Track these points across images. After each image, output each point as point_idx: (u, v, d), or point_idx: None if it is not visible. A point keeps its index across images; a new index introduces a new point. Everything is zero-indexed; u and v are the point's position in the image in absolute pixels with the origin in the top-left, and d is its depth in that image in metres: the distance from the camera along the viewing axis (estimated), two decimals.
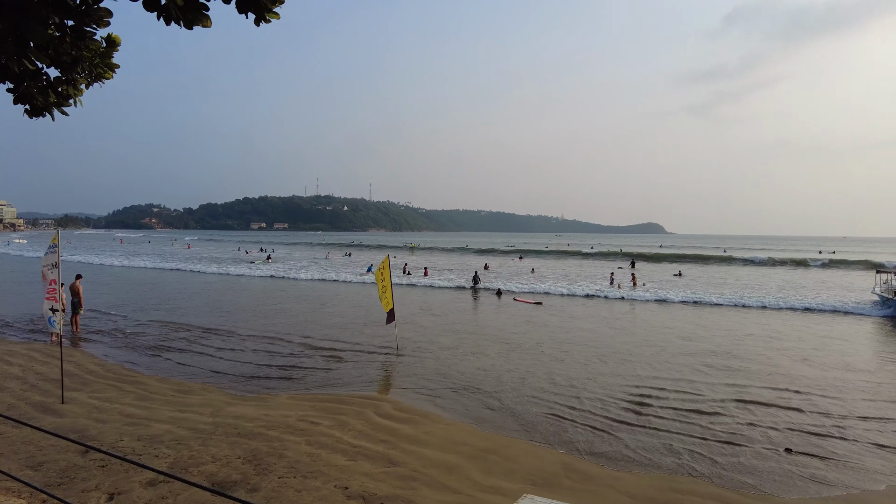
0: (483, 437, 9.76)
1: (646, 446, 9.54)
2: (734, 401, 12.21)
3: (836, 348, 18.14)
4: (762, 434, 10.19)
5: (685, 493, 7.73)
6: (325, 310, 25.72)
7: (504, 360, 15.75)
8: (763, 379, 14.10)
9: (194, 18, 3.55)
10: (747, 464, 8.85)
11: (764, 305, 28.10)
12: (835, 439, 9.97)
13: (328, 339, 18.52)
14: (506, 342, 18.27)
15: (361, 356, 16.08)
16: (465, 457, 8.69)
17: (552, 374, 14.32)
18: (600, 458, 8.99)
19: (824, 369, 15.22)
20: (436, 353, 16.65)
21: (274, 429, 9.58)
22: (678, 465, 8.79)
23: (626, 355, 16.60)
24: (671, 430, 10.30)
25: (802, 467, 8.75)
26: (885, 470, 8.70)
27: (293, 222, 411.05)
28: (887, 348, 18.57)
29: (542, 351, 17.03)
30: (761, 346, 18.17)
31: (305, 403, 11.32)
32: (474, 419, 10.82)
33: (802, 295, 32.56)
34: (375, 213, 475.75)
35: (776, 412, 11.49)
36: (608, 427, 10.47)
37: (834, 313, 26.18)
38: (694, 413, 11.34)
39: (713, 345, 18.33)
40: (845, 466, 8.81)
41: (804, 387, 13.40)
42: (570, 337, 19.46)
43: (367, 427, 9.91)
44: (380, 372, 14.45)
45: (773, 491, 7.95)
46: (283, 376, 13.83)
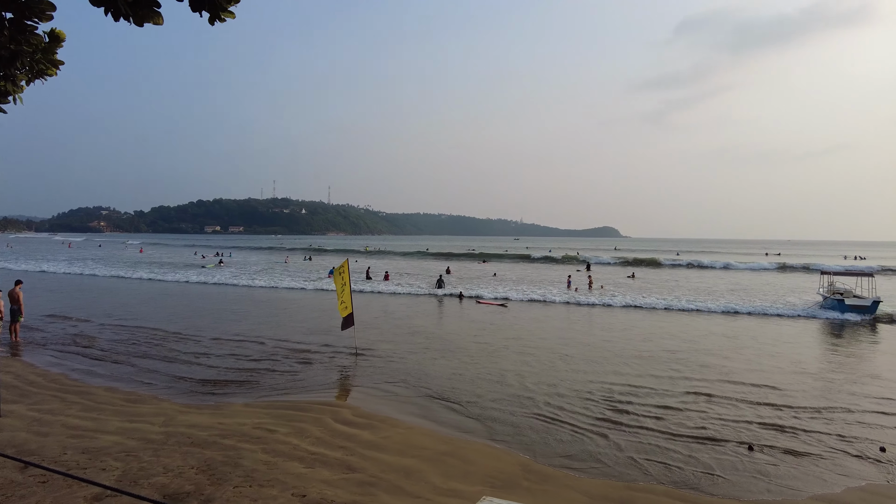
0: (443, 440, 9.76)
1: (604, 446, 9.73)
2: (693, 400, 12.60)
3: (787, 348, 18.95)
4: (722, 431, 10.54)
5: (641, 492, 7.91)
6: (283, 316, 25.26)
7: (466, 364, 15.81)
8: (720, 378, 14.59)
9: (145, 15, 3.45)
10: (707, 462, 9.14)
11: (715, 310, 29.05)
12: (795, 435, 10.40)
13: (286, 346, 18.18)
14: (468, 346, 18.34)
15: (320, 362, 15.86)
16: (424, 460, 8.68)
17: (513, 375, 14.45)
18: (558, 459, 9.12)
19: (779, 369, 15.87)
20: (396, 357, 16.57)
21: (229, 437, 9.33)
22: (636, 464, 9.00)
23: (586, 356, 16.91)
24: (631, 430, 10.55)
25: (763, 465, 9.10)
26: (845, 470, 9.13)
27: (249, 226, 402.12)
28: (833, 347, 19.53)
29: (503, 354, 17.17)
30: (718, 347, 18.81)
31: (262, 411, 11.08)
32: (435, 422, 10.82)
33: (752, 297, 33.86)
34: (334, 216, 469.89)
35: (736, 411, 11.90)
36: (567, 427, 10.64)
37: (779, 317, 27.30)
38: (654, 413, 11.64)
39: (670, 346, 18.87)
40: (804, 465, 9.20)
41: (760, 386, 13.94)
42: (532, 339, 19.68)
43: (325, 433, 9.77)
44: (339, 378, 14.27)
45: (730, 490, 8.23)
46: (239, 384, 13.49)
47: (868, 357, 17.87)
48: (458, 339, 19.55)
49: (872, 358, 17.74)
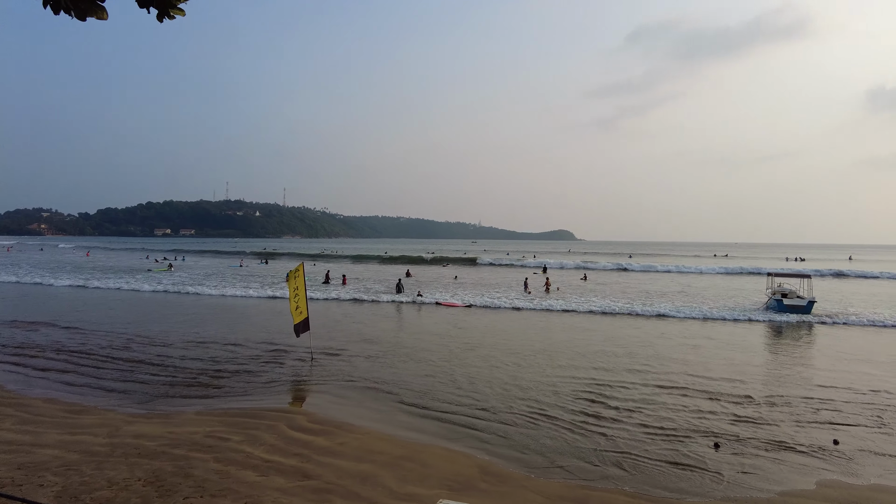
0: (400, 444, 9.71)
1: (562, 446, 9.88)
2: (654, 400, 12.93)
3: (734, 348, 19.69)
4: (683, 429, 10.86)
5: (597, 491, 8.06)
6: (236, 322, 24.67)
7: (423, 368, 15.79)
8: (677, 378, 15.03)
9: (87, 9, 3.32)
10: (670, 460, 9.40)
11: (668, 314, 29.90)
12: (756, 431, 10.81)
13: (240, 353, 17.76)
14: (425, 350, 18.32)
15: (275, 369, 15.55)
16: (381, 465, 8.61)
17: (471, 379, 14.52)
18: (515, 461, 9.21)
19: (732, 369, 16.47)
20: (353, 362, 16.41)
21: (179, 447, 9.03)
22: (594, 463, 9.18)
23: (543, 359, 17.15)
24: (591, 430, 10.75)
25: (729, 464, 9.41)
26: (804, 466, 9.54)
27: (201, 228, 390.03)
28: (783, 345, 20.43)
29: (462, 358, 17.22)
30: (675, 348, 19.39)
31: (214, 419, 10.77)
32: (392, 427, 10.76)
33: (700, 299, 35.01)
34: (290, 218, 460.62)
35: (696, 409, 12.28)
36: (525, 429, 10.76)
37: (725, 320, 28.34)
38: (613, 414, 11.90)
39: (628, 347, 19.33)
40: (765, 462, 9.57)
41: (716, 385, 14.44)
42: (489, 343, 19.82)
43: (279, 441, 9.58)
44: (294, 384, 14.02)
45: (691, 487, 8.49)
46: (191, 392, 13.09)
47: (811, 357, 18.77)
48: (415, 343, 19.52)
49: (816, 357, 18.64)
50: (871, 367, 16.69)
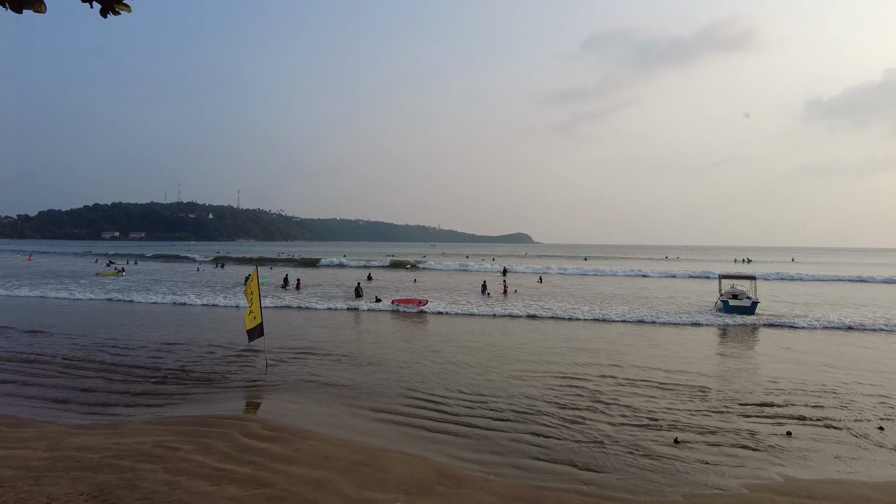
0: (357, 449, 9.61)
1: (521, 447, 9.98)
2: (612, 399, 13.21)
3: (691, 348, 20.34)
4: (643, 429, 11.13)
5: (553, 491, 8.18)
6: (190, 328, 23.94)
7: (381, 373, 15.69)
8: (636, 378, 15.40)
9: (24, 2, 3.18)
10: (626, 457, 9.61)
11: (616, 318, 30.64)
12: (714, 425, 11.16)
13: (192, 360, 17.25)
14: (383, 354, 18.21)
15: (228, 375, 15.17)
16: (337, 472, 8.50)
17: (430, 382, 14.52)
18: (473, 462, 9.24)
19: (685, 368, 16.99)
20: (309, 367, 16.17)
21: (126, 458, 8.68)
22: (552, 464, 9.30)
23: (502, 361, 17.30)
24: (549, 430, 10.89)
25: (686, 460, 9.68)
26: (754, 466, 9.89)
27: (152, 231, 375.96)
28: (733, 346, 21.20)
29: (420, 361, 17.20)
30: (631, 350, 19.87)
31: (164, 428, 10.41)
32: (349, 432, 10.64)
33: (651, 302, 36.00)
34: (245, 221, 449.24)
35: (656, 409, 12.60)
36: (483, 429, 10.82)
37: (677, 324, 29.24)
38: (570, 415, 12.09)
39: (584, 349, 19.70)
40: (727, 458, 9.89)
41: (672, 383, 14.87)
42: (449, 346, 19.86)
43: (233, 449, 9.33)
44: (248, 391, 13.70)
45: (645, 485, 8.70)
46: (140, 401, 12.64)
47: (759, 355, 19.58)
48: (373, 348, 19.38)
49: (763, 356, 19.45)
50: (817, 363, 17.53)
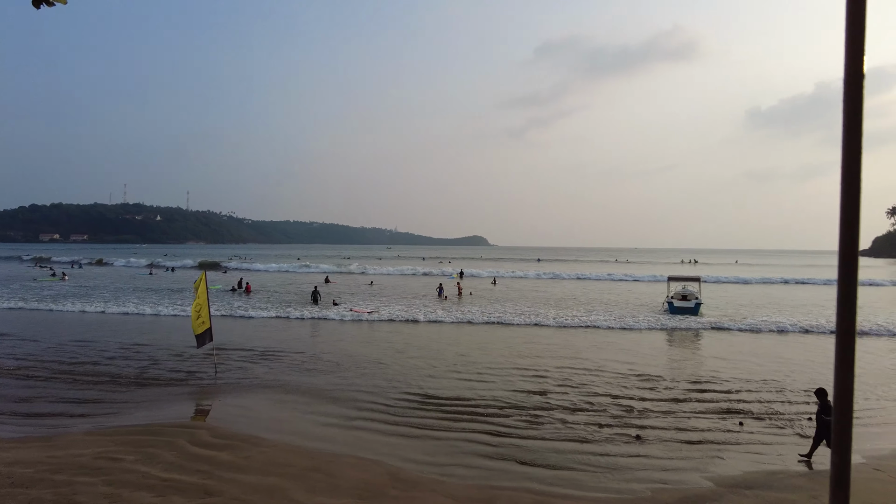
0: (309, 455, 9.50)
1: (475, 448, 10.08)
2: (566, 401, 13.45)
3: (641, 349, 20.94)
4: (595, 428, 11.37)
5: (505, 490, 8.29)
6: (136, 334, 23.06)
7: (333, 378, 15.54)
8: (587, 378, 15.73)
9: None
10: (581, 456, 9.81)
11: (570, 324, 31.20)
12: (669, 421, 11.50)
13: (137, 367, 16.65)
14: (336, 360, 17.98)
15: (176, 382, 14.74)
16: (288, 478, 8.39)
17: (383, 387, 14.48)
18: (427, 464, 9.27)
19: (637, 367, 17.46)
20: (260, 374, 15.87)
21: (62, 472, 8.31)
22: (505, 463, 9.43)
23: (455, 365, 17.39)
24: (504, 430, 11.02)
25: (642, 457, 9.95)
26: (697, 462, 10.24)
27: (95, 233, 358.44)
28: (683, 346, 21.93)
29: (372, 366, 17.10)
30: (581, 351, 20.29)
31: (105, 438, 10.01)
32: (301, 437, 10.50)
33: (605, 306, 36.87)
34: (194, 223, 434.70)
35: (608, 406, 12.89)
36: (438, 431, 10.87)
37: (625, 328, 30.04)
38: (526, 416, 12.26)
39: (535, 352, 20.01)
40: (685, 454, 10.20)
41: (623, 382, 15.26)
42: (401, 349, 19.86)
43: (179, 458, 9.07)
44: (197, 397, 13.35)
45: (592, 482, 8.91)
46: (79, 410, 12.12)
47: (707, 354, 20.36)
48: (326, 353, 19.16)
49: (710, 354, 20.24)
50: (758, 362, 18.37)
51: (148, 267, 72.28)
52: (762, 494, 8.19)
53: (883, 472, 9.13)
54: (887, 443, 10.70)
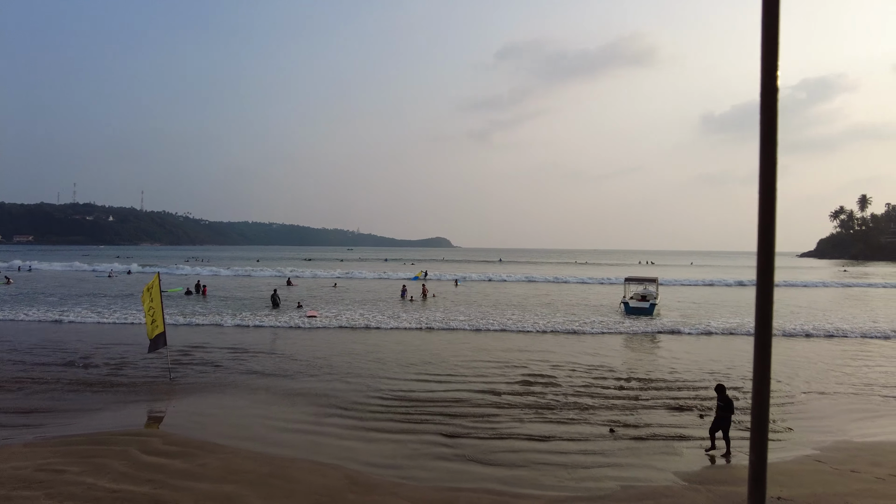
0: (266, 461, 9.31)
1: (433, 450, 10.07)
2: (522, 402, 13.55)
3: (596, 353, 21.30)
4: (552, 429, 11.49)
5: (464, 492, 8.30)
6: (87, 339, 22.15)
7: (290, 383, 15.28)
8: (543, 379, 15.90)
9: None
10: (529, 455, 9.89)
11: (529, 329, 31.48)
12: (632, 419, 11.69)
13: (88, 373, 16.00)
14: (294, 365, 17.66)
15: (128, 388, 14.23)
16: (245, 485, 8.21)
17: (340, 390, 14.33)
18: (385, 467, 9.22)
19: (595, 367, 17.74)
20: (217, 378, 15.50)
21: (0, 487, 7.90)
22: (465, 464, 9.44)
23: (415, 365, 17.37)
24: (461, 431, 11.03)
25: (602, 455, 10.08)
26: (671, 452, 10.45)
27: (41, 234, 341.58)
28: (639, 349, 22.41)
29: (330, 370, 16.87)
30: (540, 354, 20.51)
31: (48, 450, 9.58)
32: (259, 443, 10.29)
33: (563, 307, 37.39)
34: (149, 224, 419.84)
35: (566, 406, 13.04)
36: (395, 433, 10.81)
37: (580, 333, 30.50)
38: (482, 412, 12.30)
39: (495, 355, 20.14)
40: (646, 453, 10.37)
41: (582, 385, 15.48)
42: (360, 353, 19.72)
43: (129, 467, 8.75)
44: (149, 404, 12.92)
45: (550, 482, 9.00)
46: (20, 421, 11.55)
47: (662, 355, 20.88)
48: (284, 358, 18.83)
49: (665, 355, 20.76)
50: (710, 361, 18.96)
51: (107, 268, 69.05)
52: (714, 489, 8.45)
53: (825, 463, 9.55)
54: (828, 436, 11.19)
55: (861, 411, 13.17)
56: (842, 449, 10.36)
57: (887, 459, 9.76)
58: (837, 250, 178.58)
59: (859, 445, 10.59)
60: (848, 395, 14.58)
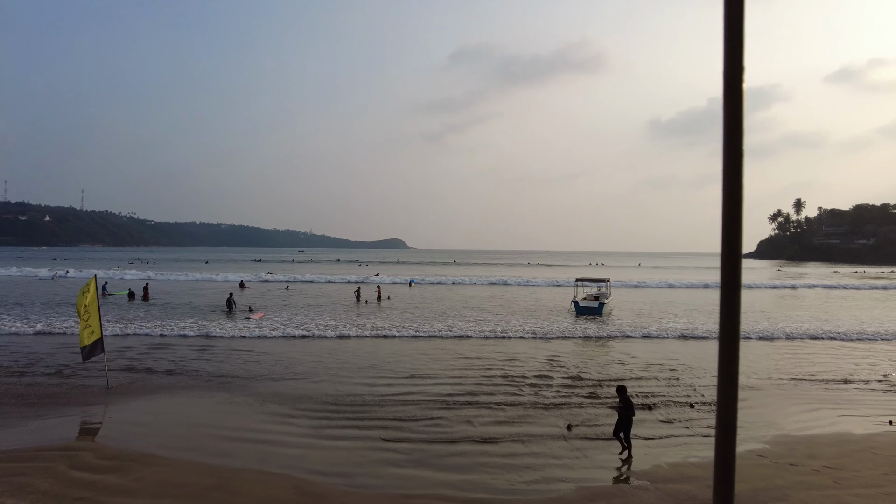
0: (209, 472, 8.90)
1: (385, 456, 9.86)
2: (473, 402, 13.47)
3: (545, 356, 21.47)
4: (498, 433, 11.42)
5: (415, 499, 8.14)
6: (18, 347, 20.80)
7: (238, 389, 14.74)
8: (494, 382, 15.88)
9: None
10: (480, 458, 9.80)
11: (474, 335, 31.53)
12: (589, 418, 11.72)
13: (15, 382, 15.00)
14: (240, 370, 17.08)
15: (62, 398, 13.42)
16: (184, 499, 7.81)
17: (287, 395, 13.92)
18: (335, 475, 8.96)
19: (545, 371, 17.85)
20: (158, 385, 14.81)
21: None
22: (414, 470, 9.27)
23: (363, 372, 17.07)
24: (411, 434, 10.86)
25: (554, 457, 10.05)
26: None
27: None
28: (588, 352, 22.68)
29: (277, 376, 16.36)
30: (497, 359, 20.52)
31: None
32: (202, 453, 9.83)
33: (515, 310, 37.67)
34: (89, 224, 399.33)
35: (519, 408, 13.01)
36: (344, 441, 10.55)
37: (532, 338, 30.79)
38: (432, 415, 12.15)
39: (447, 360, 20.04)
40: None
41: (530, 386, 15.52)
42: (311, 356, 19.31)
43: (56, 485, 8.19)
44: (85, 414, 12.22)
45: (502, 485, 8.93)
46: None
47: (614, 358, 21.24)
48: (230, 365, 18.18)
49: (617, 357, 21.13)
50: (659, 363, 19.42)
51: (52, 271, 64.55)
52: (663, 487, 8.59)
53: (766, 457, 9.87)
54: (769, 430, 11.60)
55: (797, 405, 13.74)
56: (781, 443, 10.75)
57: (822, 452, 10.19)
58: (776, 251, 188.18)
59: (797, 439, 11.01)
60: (784, 389, 15.22)
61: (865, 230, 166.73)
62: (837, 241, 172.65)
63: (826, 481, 8.76)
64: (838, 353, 21.02)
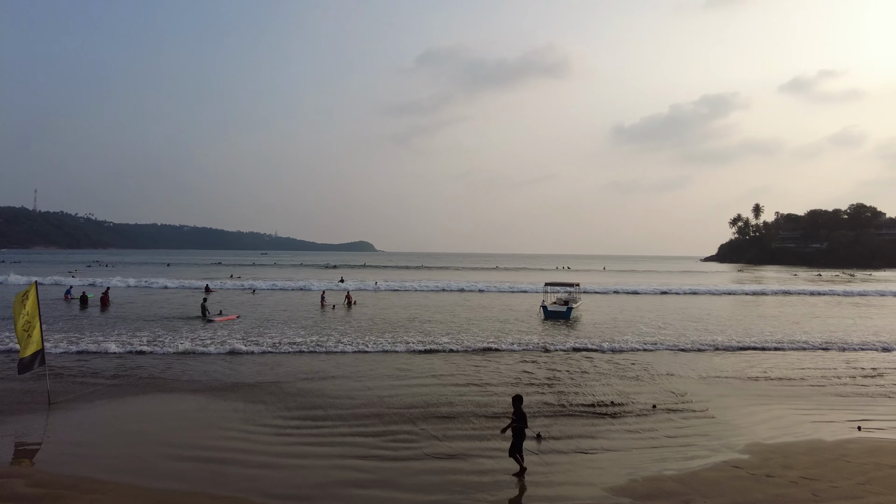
0: (155, 497, 8.16)
1: (345, 475, 9.25)
2: (436, 409, 12.96)
3: (514, 368, 21.12)
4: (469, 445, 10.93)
5: None
6: None
7: (190, 405, 13.77)
8: (457, 398, 15.41)
9: None
10: (448, 476, 9.28)
11: (440, 349, 31.07)
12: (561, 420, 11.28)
13: None
14: (193, 384, 16.07)
15: None
16: None
17: (245, 411, 13.15)
18: (291, 499, 8.32)
19: (516, 378, 17.45)
20: (104, 400, 13.86)
21: None
22: (373, 490, 8.71)
23: (322, 386, 16.38)
24: (371, 451, 10.28)
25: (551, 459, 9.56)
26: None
27: None
28: (553, 363, 22.38)
29: (234, 389, 15.47)
30: (463, 370, 20.04)
31: None
32: (149, 477, 9.03)
33: (483, 313, 37.37)
34: (43, 226, 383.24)
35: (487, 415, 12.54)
36: (302, 460, 9.90)
37: (498, 350, 30.47)
38: (393, 429, 11.61)
39: (413, 371, 19.48)
40: None
41: (498, 396, 15.09)
42: (266, 367, 18.50)
43: None
44: (18, 436, 11.21)
45: None
46: None
47: (581, 371, 21.03)
48: (183, 378, 17.19)
49: (585, 372, 20.92)
50: (629, 374, 19.25)
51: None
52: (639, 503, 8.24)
53: (742, 469, 9.63)
54: (741, 438, 11.43)
55: (764, 411, 13.65)
56: (755, 452, 10.54)
57: (797, 461, 10.02)
58: (736, 254, 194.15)
59: (771, 448, 10.82)
60: (749, 397, 15.14)
61: (819, 235, 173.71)
62: (793, 245, 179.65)
63: (805, 494, 8.54)
64: (804, 359, 21.25)
